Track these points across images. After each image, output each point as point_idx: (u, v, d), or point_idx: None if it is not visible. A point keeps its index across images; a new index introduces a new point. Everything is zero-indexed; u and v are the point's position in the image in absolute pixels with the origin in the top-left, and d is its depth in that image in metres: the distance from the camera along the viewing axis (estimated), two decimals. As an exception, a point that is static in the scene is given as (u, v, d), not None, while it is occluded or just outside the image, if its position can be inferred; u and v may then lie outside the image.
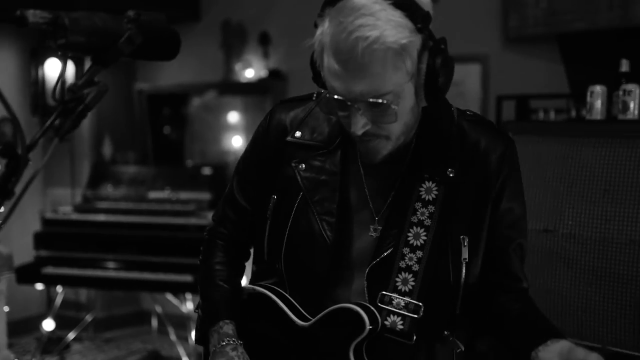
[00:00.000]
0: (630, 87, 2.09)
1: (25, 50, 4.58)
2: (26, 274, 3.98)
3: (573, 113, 3.31)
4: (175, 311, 4.41)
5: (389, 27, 1.06)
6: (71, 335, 4.27)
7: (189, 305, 4.08)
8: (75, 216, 4.15)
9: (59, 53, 0.94)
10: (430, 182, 1.22)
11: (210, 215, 4.11)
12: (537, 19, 3.61)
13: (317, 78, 1.20)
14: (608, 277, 1.99)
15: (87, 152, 4.81)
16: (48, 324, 4.11)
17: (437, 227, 1.20)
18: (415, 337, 1.18)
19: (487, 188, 1.24)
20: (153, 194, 4.35)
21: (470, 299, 1.26)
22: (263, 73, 4.43)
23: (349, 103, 1.12)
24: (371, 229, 1.25)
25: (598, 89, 2.15)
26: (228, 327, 1.29)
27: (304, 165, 1.27)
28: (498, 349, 2.27)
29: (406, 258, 1.20)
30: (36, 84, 4.34)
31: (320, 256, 1.23)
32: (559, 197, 2.12)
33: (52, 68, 4.33)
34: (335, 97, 1.12)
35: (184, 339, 4.20)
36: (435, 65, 1.10)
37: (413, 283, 1.19)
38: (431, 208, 1.21)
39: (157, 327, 4.62)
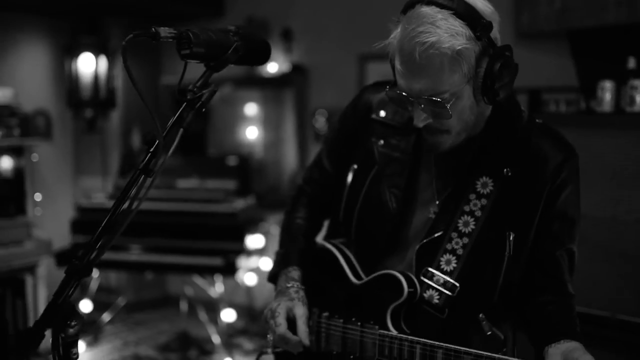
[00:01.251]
0: (637, 82, 2.29)
1: (58, 45, 4.80)
2: (65, 258, 4.22)
3: (583, 105, 3.51)
4: (203, 295, 4.65)
5: (446, 35, 1.17)
6: (106, 317, 4.51)
7: (218, 288, 4.31)
8: (109, 204, 4.38)
9: (184, 60, 1.16)
10: (487, 178, 1.32)
11: (237, 202, 4.36)
12: (549, 16, 3.82)
13: (395, 75, 1.33)
14: (617, 253, 2.20)
15: (117, 143, 5.04)
16: (85, 305, 4.35)
17: (485, 219, 1.31)
18: (447, 313, 1.31)
19: (541, 192, 1.31)
20: (182, 183, 4.58)
21: (512, 292, 1.36)
22: (285, 67, 4.64)
23: (411, 99, 1.25)
24: (431, 210, 1.38)
25: (607, 84, 2.35)
26: (295, 273, 1.49)
27: (382, 142, 1.43)
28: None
29: (453, 242, 1.32)
30: (70, 78, 4.57)
31: (384, 224, 1.40)
32: (572, 181, 2.35)
33: (85, 63, 4.56)
34: (402, 93, 1.27)
35: (213, 321, 4.43)
36: (493, 70, 1.19)
37: (455, 265, 1.31)
38: (484, 201, 1.32)
39: (187, 310, 4.86)
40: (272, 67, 4.72)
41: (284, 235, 1.60)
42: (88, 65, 4.54)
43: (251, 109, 5.26)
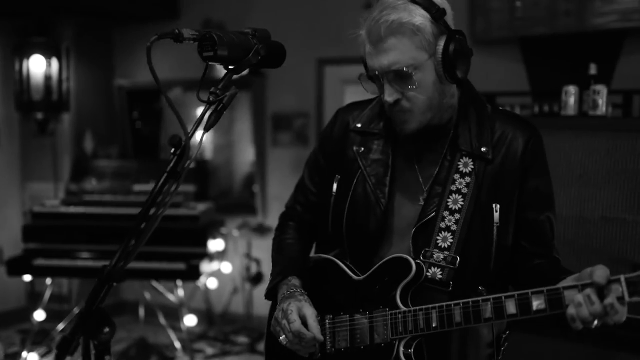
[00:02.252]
0: (599, 87, 2.43)
1: (6, 46, 4.62)
2: (16, 266, 4.07)
3: (536, 109, 3.67)
4: (160, 300, 4.57)
5: (406, 13, 1.36)
6: (60, 326, 4.36)
7: (179, 293, 4.25)
8: (63, 209, 4.25)
9: (206, 62, 1.16)
10: (467, 158, 1.45)
11: (198, 205, 4.30)
12: (501, 24, 3.98)
13: (366, 69, 1.47)
14: (584, 249, 2.31)
15: (68, 147, 4.89)
16: (39, 315, 4.20)
17: (472, 194, 1.43)
18: (451, 286, 1.39)
19: (514, 169, 1.45)
20: (138, 187, 4.49)
21: (505, 261, 1.45)
22: (244, 71, 4.62)
23: (380, 76, 1.39)
24: (420, 199, 1.48)
25: (571, 88, 2.48)
26: (296, 281, 1.55)
27: (363, 148, 1.54)
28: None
29: (446, 220, 1.42)
30: (20, 80, 4.41)
31: (374, 220, 1.48)
32: (541, 181, 2.46)
33: (35, 64, 4.41)
34: (373, 72, 1.41)
35: (172, 326, 4.36)
36: (449, 47, 1.37)
37: (451, 240, 1.41)
38: (467, 179, 1.44)
39: (144, 316, 4.76)
40: (230, 70, 4.70)
41: (276, 255, 1.65)
42: (39, 66, 4.39)
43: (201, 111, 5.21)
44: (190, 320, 4.24)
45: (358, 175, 1.52)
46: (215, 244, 4.26)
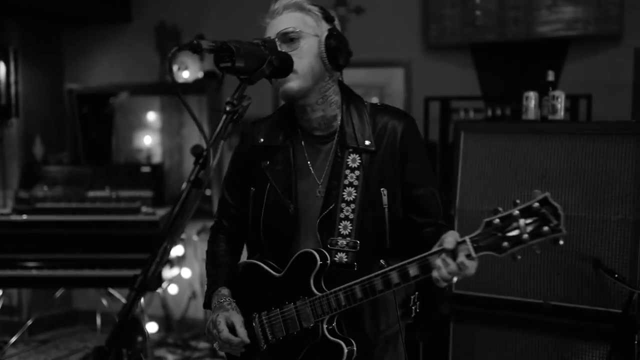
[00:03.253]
0: (557, 93, 2.57)
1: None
2: (-34, 278, 3.92)
3: (489, 112, 3.83)
4: (115, 308, 4.48)
5: (302, 1, 1.63)
6: (12, 340, 4.22)
7: (141, 300, 4.18)
8: (15, 217, 4.12)
9: (222, 73, 1.18)
10: (355, 154, 1.67)
11: (157, 211, 4.25)
12: (454, 30, 4.12)
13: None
14: (547, 246, 2.44)
15: (17, 153, 4.73)
16: (-10, 328, 4.05)
17: (362, 186, 1.66)
18: (356, 266, 1.63)
19: (395, 154, 1.69)
20: (92, 193, 4.39)
21: (400, 235, 1.69)
22: (200, 74, 4.61)
23: (273, 38, 1.58)
24: (317, 191, 1.70)
25: (532, 94, 2.62)
26: (225, 291, 1.77)
27: (268, 162, 1.74)
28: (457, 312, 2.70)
29: (344, 210, 1.65)
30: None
31: (287, 222, 1.69)
32: (506, 182, 2.58)
33: (-18, 68, 4.25)
34: (268, 37, 1.58)
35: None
36: (333, 36, 1.61)
37: (351, 228, 1.65)
38: (357, 172, 1.66)
39: (101, 326, 4.66)
40: (185, 74, 4.67)
41: (209, 267, 1.86)
42: (-14, 70, 4.24)
43: (151, 116, 5.18)
44: (151, 327, 4.18)
45: (268, 187, 1.72)
46: (175, 250, 4.23)
